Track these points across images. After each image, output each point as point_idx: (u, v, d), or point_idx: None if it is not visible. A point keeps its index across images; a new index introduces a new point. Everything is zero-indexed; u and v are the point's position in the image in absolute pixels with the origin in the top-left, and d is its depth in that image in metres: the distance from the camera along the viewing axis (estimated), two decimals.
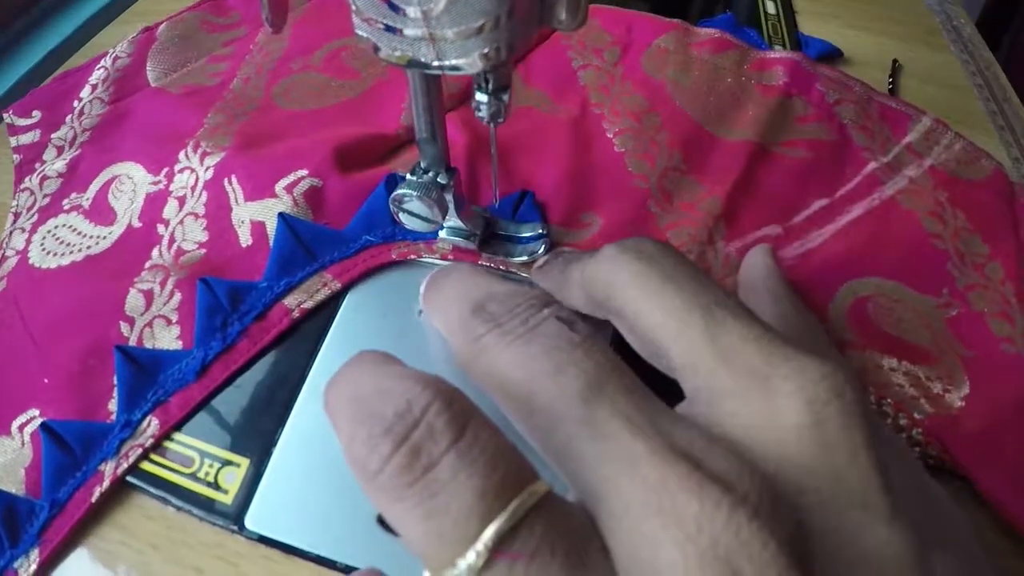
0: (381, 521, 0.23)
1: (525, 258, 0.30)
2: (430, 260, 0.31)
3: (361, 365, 0.16)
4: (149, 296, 0.30)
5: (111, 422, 0.26)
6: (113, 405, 0.27)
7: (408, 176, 0.27)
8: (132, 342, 0.29)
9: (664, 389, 0.17)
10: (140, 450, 0.26)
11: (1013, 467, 0.26)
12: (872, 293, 0.31)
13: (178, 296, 0.30)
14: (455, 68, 0.21)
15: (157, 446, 0.26)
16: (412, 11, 0.19)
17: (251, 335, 0.29)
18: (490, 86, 0.25)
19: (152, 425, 0.26)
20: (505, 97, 0.26)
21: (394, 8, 0.20)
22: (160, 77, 0.41)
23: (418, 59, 0.21)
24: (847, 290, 0.31)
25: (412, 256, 0.31)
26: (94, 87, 0.40)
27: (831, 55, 0.44)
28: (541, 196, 0.34)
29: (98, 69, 0.41)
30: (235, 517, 0.25)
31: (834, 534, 0.14)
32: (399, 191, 0.27)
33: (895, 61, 0.44)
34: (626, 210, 0.33)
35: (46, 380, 0.28)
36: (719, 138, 0.36)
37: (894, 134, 0.37)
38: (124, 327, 0.29)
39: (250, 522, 0.24)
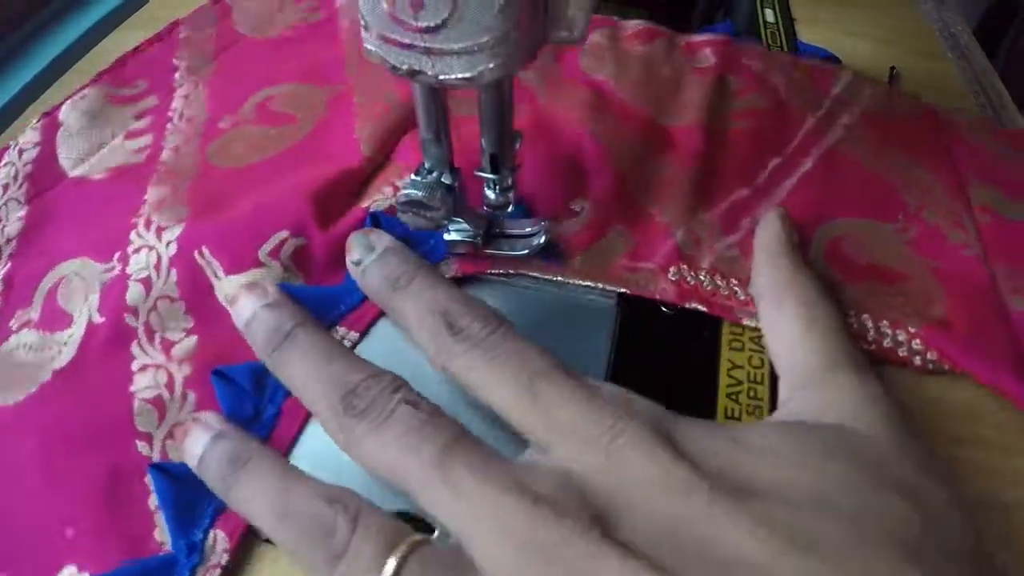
0: None
1: (526, 251, 0.30)
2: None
3: (268, 482, 0.21)
4: (159, 404, 0.26)
5: (168, 552, 0.23)
6: (160, 534, 0.23)
7: (412, 176, 0.27)
8: (156, 459, 0.25)
9: None
10: (218, 570, 0.22)
11: (1003, 352, 0.28)
12: (842, 233, 0.33)
13: (192, 396, 0.26)
14: (459, 82, 0.22)
15: (233, 563, 0.23)
16: (420, 25, 0.20)
17: (288, 414, 0.26)
18: (498, 187, 0.29)
19: (220, 540, 0.23)
20: (511, 194, 0.29)
21: (401, 23, 0.20)
22: (77, 164, 0.36)
23: (424, 72, 0.22)
24: (819, 235, 0.32)
25: None
26: (5, 187, 0.35)
27: (830, 62, 0.44)
28: (527, 191, 0.33)
29: (4, 166, 0.36)
30: None
31: (641, 511, 0.18)
32: (404, 191, 0.26)
33: (893, 68, 0.44)
34: (610, 191, 0.33)
35: (69, 531, 0.24)
36: (672, 126, 0.37)
37: (822, 89, 0.40)
38: (142, 446, 0.25)
39: None
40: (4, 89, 0.44)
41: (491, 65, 0.21)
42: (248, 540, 0.23)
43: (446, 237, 0.29)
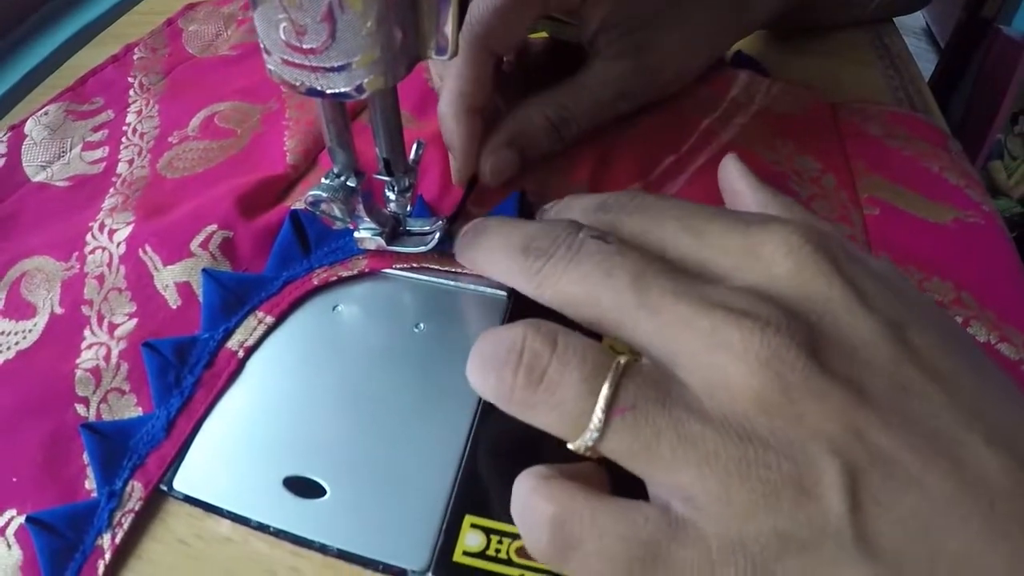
0: (286, 484, 0.25)
1: (423, 248, 0.31)
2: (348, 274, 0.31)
3: (481, 337, 0.19)
4: (97, 373, 0.28)
5: (95, 498, 0.25)
6: (90, 483, 0.26)
7: (322, 179, 0.28)
8: (91, 420, 0.27)
9: None
10: (132, 516, 0.24)
11: None
12: None
13: (125, 366, 0.29)
14: (344, 95, 0.23)
15: (147, 509, 0.25)
16: (305, 47, 0.22)
17: (205, 383, 0.28)
18: (396, 189, 0.29)
19: (136, 489, 0.25)
20: (409, 195, 0.30)
21: (292, 47, 0.22)
22: (39, 171, 0.39)
23: (314, 87, 0.23)
24: None
25: (332, 279, 0.31)
26: None
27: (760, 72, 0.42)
28: (430, 197, 0.34)
29: None
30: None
31: (833, 332, 0.17)
32: (313, 192, 0.27)
33: None
34: (507, 193, 0.34)
35: (14, 479, 0.26)
36: None
37: (719, 94, 0.39)
38: (80, 408, 0.28)
39: (178, 484, 0.25)
40: None
41: (367, 79, 0.23)
42: (161, 492, 0.25)
43: (355, 235, 0.31)
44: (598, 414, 0.17)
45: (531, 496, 0.18)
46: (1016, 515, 0.15)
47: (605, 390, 0.17)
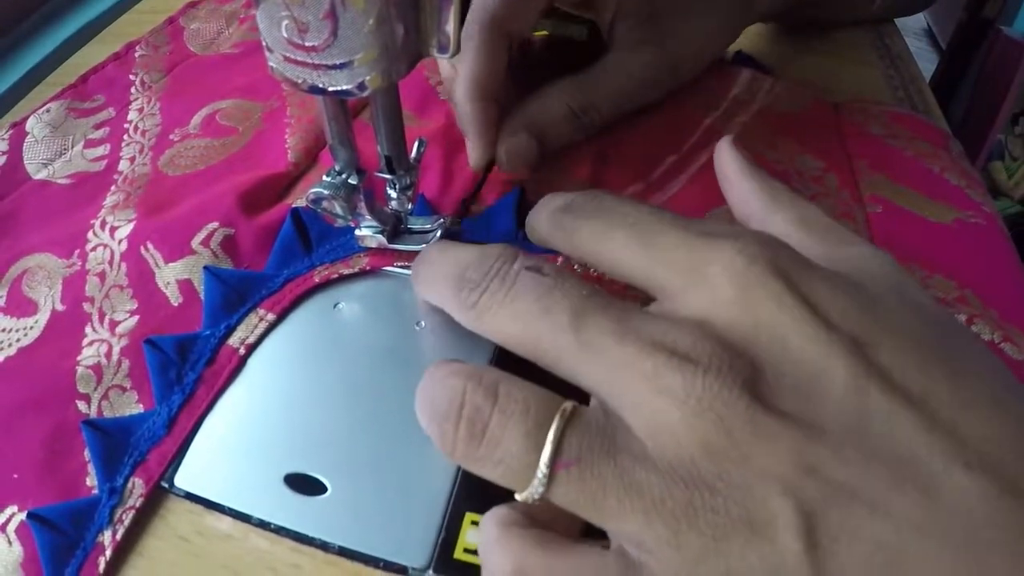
0: (287, 481, 0.25)
1: (424, 246, 0.30)
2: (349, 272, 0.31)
3: (426, 377, 0.19)
4: (98, 370, 0.28)
5: (96, 494, 0.25)
6: (91, 480, 0.26)
7: (324, 177, 0.28)
8: (92, 416, 0.27)
9: None
10: (133, 512, 0.24)
11: None
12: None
13: (126, 363, 0.29)
14: (346, 92, 0.23)
15: (148, 505, 0.25)
16: (307, 44, 0.22)
17: (207, 380, 0.28)
18: (397, 187, 0.29)
19: (137, 486, 0.25)
20: (410, 193, 0.29)
21: (294, 45, 0.22)
22: (40, 168, 0.39)
23: (317, 85, 0.23)
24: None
25: (333, 276, 0.31)
26: None
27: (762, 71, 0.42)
28: (432, 195, 0.34)
29: None
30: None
31: (782, 364, 0.16)
32: (314, 190, 0.27)
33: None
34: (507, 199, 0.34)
35: (15, 476, 0.26)
36: None
37: (721, 92, 0.39)
38: (81, 405, 0.28)
39: (179, 481, 0.25)
40: None
41: (369, 76, 0.23)
42: (162, 489, 0.25)
43: (357, 233, 0.31)
44: (542, 468, 0.16)
45: (492, 546, 0.18)
46: (997, 543, 0.14)
47: (548, 444, 0.16)
